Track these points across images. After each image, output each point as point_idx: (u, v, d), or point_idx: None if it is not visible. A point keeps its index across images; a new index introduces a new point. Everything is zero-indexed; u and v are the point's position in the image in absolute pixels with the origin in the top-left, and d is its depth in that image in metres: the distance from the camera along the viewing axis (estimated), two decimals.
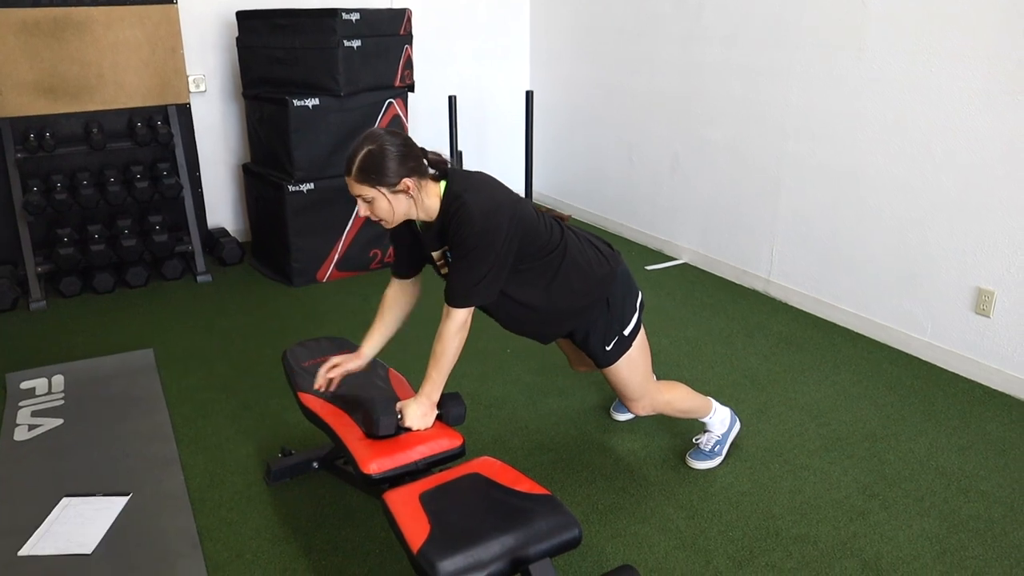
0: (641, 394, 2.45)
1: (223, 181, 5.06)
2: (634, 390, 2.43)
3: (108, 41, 4.14)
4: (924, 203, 3.34)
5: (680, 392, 2.57)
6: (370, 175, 1.97)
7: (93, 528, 2.33)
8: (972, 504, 2.47)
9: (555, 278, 2.21)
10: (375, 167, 1.96)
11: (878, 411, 3.02)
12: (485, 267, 2.03)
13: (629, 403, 2.47)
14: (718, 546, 2.29)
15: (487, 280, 2.05)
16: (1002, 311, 3.13)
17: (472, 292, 2.06)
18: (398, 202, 2.01)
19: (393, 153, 1.96)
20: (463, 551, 1.70)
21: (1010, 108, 2.98)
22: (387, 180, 1.97)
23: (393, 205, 2.01)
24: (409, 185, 1.98)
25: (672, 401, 2.54)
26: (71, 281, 4.20)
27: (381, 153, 1.96)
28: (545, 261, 2.19)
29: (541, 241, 2.16)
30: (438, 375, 2.11)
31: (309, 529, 2.38)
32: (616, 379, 2.41)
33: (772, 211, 4.07)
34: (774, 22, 3.86)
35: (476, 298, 2.07)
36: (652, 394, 2.47)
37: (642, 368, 2.42)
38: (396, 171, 1.96)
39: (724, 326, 3.80)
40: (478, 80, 5.66)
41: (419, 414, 2.10)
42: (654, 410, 2.50)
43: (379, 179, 1.97)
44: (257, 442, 2.83)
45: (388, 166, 1.96)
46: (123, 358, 3.45)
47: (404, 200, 2.01)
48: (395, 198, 2.00)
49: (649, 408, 2.49)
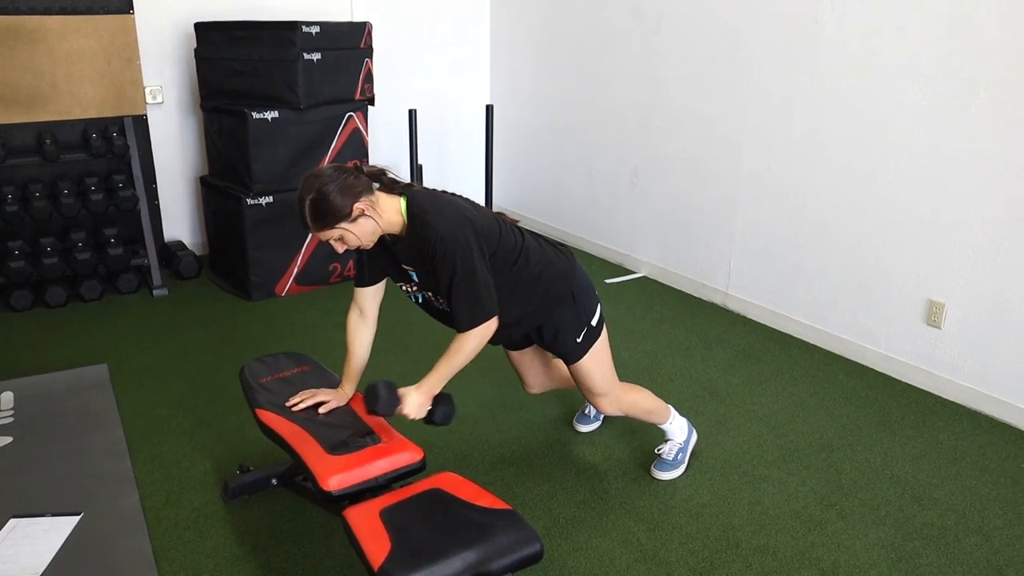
0: (608, 388, 2.49)
1: (180, 194, 4.99)
2: (602, 385, 2.47)
3: (62, 51, 4.06)
4: (876, 218, 3.41)
5: (643, 394, 2.64)
6: (325, 219, 2.02)
7: (42, 549, 2.27)
8: (926, 512, 2.52)
9: (523, 277, 2.26)
10: (324, 211, 2.01)
11: (834, 422, 3.07)
12: (475, 280, 2.06)
13: (597, 399, 2.51)
14: (679, 558, 2.30)
15: (484, 291, 2.08)
16: (953, 322, 3.21)
17: (477, 310, 2.09)
18: (362, 227, 2.05)
19: (333, 191, 2.00)
20: (424, 568, 1.69)
21: (956, 126, 3.07)
22: (341, 215, 2.02)
23: (359, 232, 2.06)
24: (363, 208, 2.02)
25: (636, 401, 2.60)
26: (22, 295, 4.10)
27: (323, 197, 2.00)
28: (511, 262, 2.23)
29: (507, 245, 2.21)
30: (446, 370, 2.13)
31: (268, 547, 2.34)
32: (585, 374, 2.45)
33: (730, 225, 4.13)
34: (732, 39, 3.93)
35: (483, 312, 2.10)
36: (618, 390, 2.53)
37: (608, 361, 2.48)
38: (344, 204, 2.00)
39: (683, 339, 3.84)
40: (438, 94, 5.66)
41: (416, 403, 2.11)
42: (620, 408, 2.55)
43: (334, 219, 2.02)
44: (215, 459, 2.78)
45: (335, 204, 2.00)
46: (76, 374, 3.37)
47: (366, 222, 2.05)
48: (357, 225, 2.04)
49: (615, 405, 2.53)
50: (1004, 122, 2.92)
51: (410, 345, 3.66)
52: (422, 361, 3.48)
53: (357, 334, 2.35)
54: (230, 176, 4.37)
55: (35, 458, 2.74)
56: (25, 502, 2.49)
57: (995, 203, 3.00)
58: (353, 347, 2.36)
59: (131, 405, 3.15)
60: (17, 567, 2.20)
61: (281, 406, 2.30)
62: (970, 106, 3.02)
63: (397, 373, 3.37)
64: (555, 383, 2.75)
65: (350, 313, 2.36)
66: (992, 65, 2.93)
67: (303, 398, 2.32)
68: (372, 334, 2.38)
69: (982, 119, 2.99)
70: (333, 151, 4.39)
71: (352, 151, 4.47)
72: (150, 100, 4.67)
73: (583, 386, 2.51)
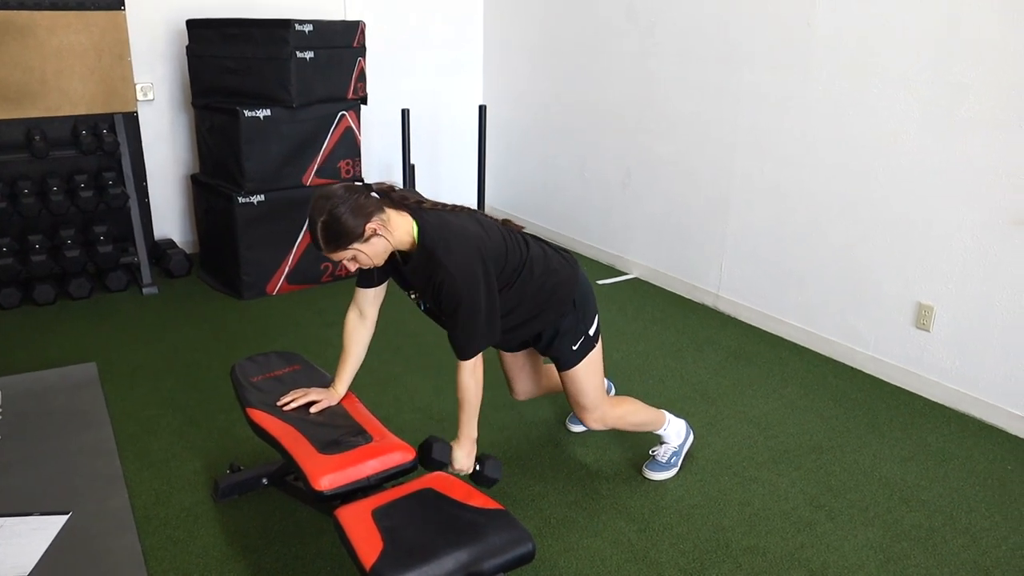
0: (597, 403, 2.49)
1: (171, 191, 4.96)
2: (591, 398, 2.47)
3: (52, 46, 4.04)
4: (867, 220, 3.43)
5: (632, 406, 2.62)
6: (338, 242, 2.00)
7: (30, 549, 2.25)
8: (914, 513, 2.54)
9: (526, 288, 2.27)
10: (337, 234, 1.99)
11: (824, 423, 3.09)
12: (479, 316, 2.09)
13: (584, 413, 2.50)
14: (669, 559, 2.31)
15: (486, 325, 2.12)
16: (941, 325, 3.23)
17: (473, 343, 2.13)
18: (375, 246, 2.04)
19: (345, 212, 1.98)
20: (416, 567, 1.69)
21: (947, 129, 3.09)
22: (354, 236, 2.00)
23: (371, 252, 2.05)
24: (375, 228, 2.01)
25: (625, 415, 2.58)
26: (10, 292, 4.07)
27: (335, 220, 1.98)
28: (516, 277, 2.25)
29: (512, 263, 2.23)
30: (468, 418, 2.19)
31: (259, 547, 2.33)
32: (576, 384, 2.45)
33: (721, 227, 4.15)
34: (725, 40, 3.94)
35: (476, 347, 2.14)
36: (605, 406, 2.52)
37: (599, 375, 2.48)
38: (356, 225, 1.99)
39: (674, 340, 3.85)
40: (431, 93, 5.66)
41: (463, 455, 2.17)
42: (605, 423, 2.54)
43: (347, 240, 2.00)
44: (205, 458, 2.77)
45: (347, 226, 1.98)
46: (64, 372, 3.34)
47: (379, 241, 2.04)
48: (369, 245, 2.03)
49: (601, 420, 2.52)
50: (994, 126, 2.94)
51: (402, 345, 3.65)
52: (413, 361, 3.49)
53: (355, 335, 2.35)
54: (221, 174, 4.35)
55: (23, 457, 2.72)
56: (13, 501, 2.48)
57: (984, 207, 3.02)
58: (349, 347, 2.35)
59: (120, 404, 3.14)
60: (5, 566, 2.18)
61: (272, 405, 2.30)
62: (960, 110, 3.04)
63: (388, 373, 3.38)
64: (542, 390, 2.76)
65: (349, 313, 2.35)
66: (983, 70, 2.95)
67: (294, 397, 2.31)
68: (369, 336, 2.37)
69: (972, 123, 3.01)
70: (325, 150, 4.38)
71: (344, 150, 4.46)
72: (141, 97, 4.65)
73: (572, 396, 2.50)
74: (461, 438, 2.18)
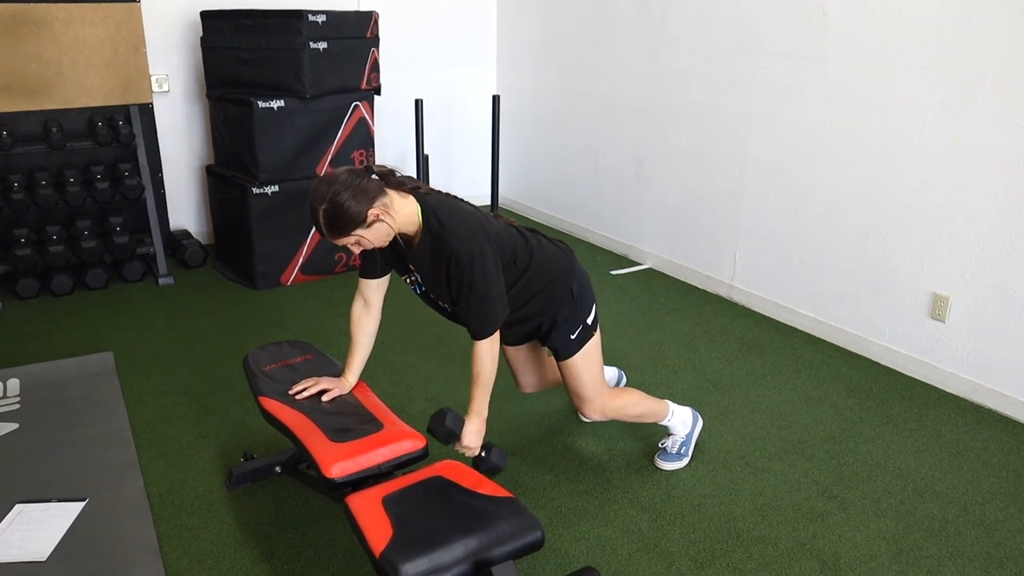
0: (596, 394, 2.48)
1: (186, 182, 5.00)
2: (589, 388, 2.47)
3: (68, 39, 4.07)
4: (882, 210, 3.40)
5: (632, 397, 2.61)
6: (341, 228, 2.00)
7: (48, 534, 2.29)
8: (927, 505, 2.52)
9: (525, 280, 2.27)
10: (339, 220, 1.98)
11: (837, 414, 3.07)
12: (492, 292, 2.09)
13: (583, 403, 2.50)
14: (680, 548, 2.31)
15: (496, 303, 2.11)
16: (957, 316, 3.20)
17: (489, 321, 2.12)
18: (378, 231, 2.04)
19: (347, 198, 1.96)
20: (426, 554, 1.70)
21: (964, 119, 3.05)
22: (357, 222, 1.99)
23: (374, 236, 2.04)
24: (378, 213, 2.00)
25: (624, 407, 2.57)
26: (28, 283, 4.12)
27: (337, 206, 1.97)
28: (517, 264, 2.24)
29: (515, 249, 2.23)
30: (481, 393, 2.17)
31: (271, 534, 2.35)
32: (574, 374, 2.44)
33: (735, 217, 4.13)
34: (737, 31, 3.91)
35: (494, 324, 2.13)
36: (604, 397, 2.51)
37: (598, 364, 2.47)
38: (359, 210, 1.98)
39: (688, 330, 3.84)
40: (445, 84, 5.66)
41: (472, 430, 2.14)
42: (605, 414, 2.53)
43: (350, 226, 1.99)
44: (219, 446, 2.80)
45: (350, 211, 1.97)
46: (81, 361, 3.39)
47: (381, 226, 2.03)
48: (372, 230, 2.03)
49: (601, 411, 2.51)
50: (1011, 115, 2.91)
51: (414, 336, 3.67)
52: (425, 351, 3.50)
53: (361, 324, 2.36)
54: (236, 165, 4.38)
55: (41, 444, 2.76)
56: (31, 488, 2.51)
57: (1001, 196, 2.99)
58: (357, 337, 2.37)
59: (136, 393, 3.17)
60: (23, 551, 2.22)
61: (284, 394, 2.31)
62: (976, 99, 3.00)
63: (401, 363, 3.39)
64: (549, 383, 2.75)
65: (354, 303, 2.36)
66: (1000, 58, 2.91)
67: (306, 386, 2.33)
68: (376, 325, 2.38)
69: (989, 111, 2.97)
70: (339, 141, 4.39)
71: (358, 141, 4.47)
72: (156, 89, 4.68)
73: (571, 387, 2.49)
74: (472, 414, 2.16)
